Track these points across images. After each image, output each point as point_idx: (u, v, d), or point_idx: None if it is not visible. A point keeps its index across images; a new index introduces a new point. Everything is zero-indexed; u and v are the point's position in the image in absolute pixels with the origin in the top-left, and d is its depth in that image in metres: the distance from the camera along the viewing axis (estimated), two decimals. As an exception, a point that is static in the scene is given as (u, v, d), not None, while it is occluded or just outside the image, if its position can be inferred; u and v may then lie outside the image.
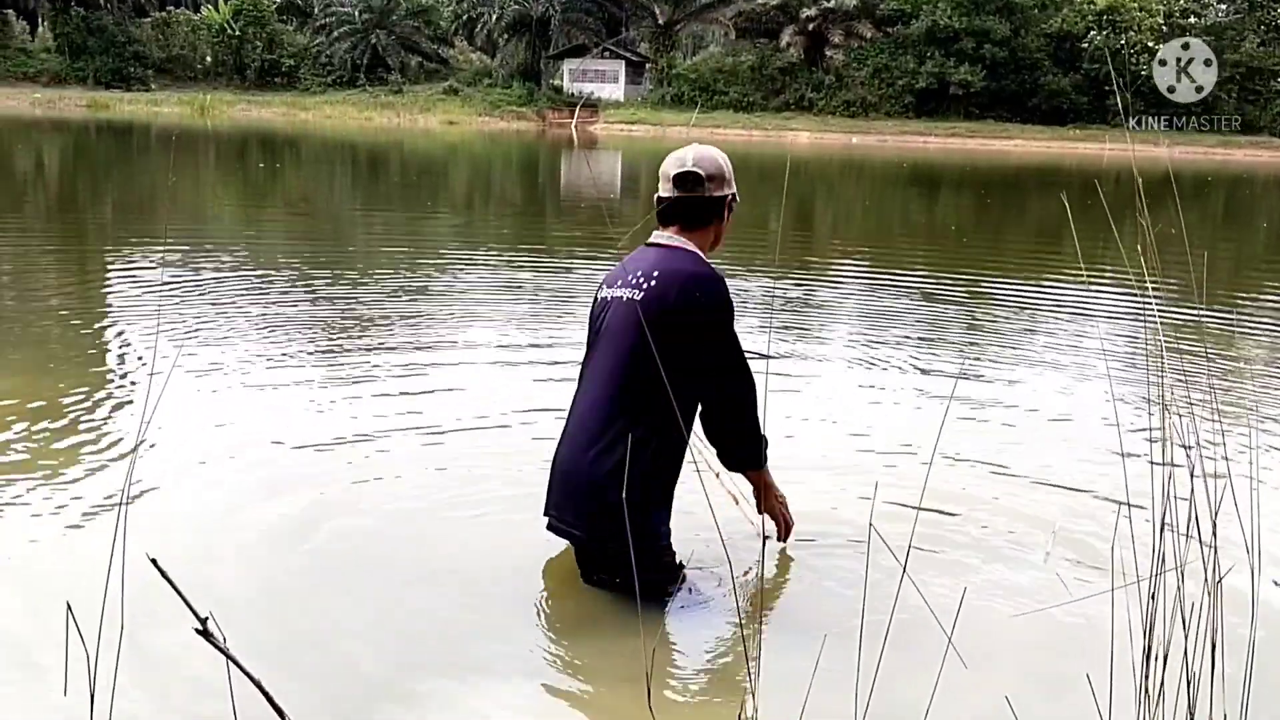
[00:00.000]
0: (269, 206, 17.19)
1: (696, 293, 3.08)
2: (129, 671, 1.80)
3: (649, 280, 3.12)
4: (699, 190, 3.21)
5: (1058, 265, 12.33)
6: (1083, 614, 3.15)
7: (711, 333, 3.10)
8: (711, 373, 3.13)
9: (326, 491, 4.11)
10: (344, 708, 2.68)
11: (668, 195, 3.23)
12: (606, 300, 3.25)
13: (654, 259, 3.18)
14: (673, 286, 3.08)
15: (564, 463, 3.22)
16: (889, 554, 1.79)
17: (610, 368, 3.16)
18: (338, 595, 3.29)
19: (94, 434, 4.69)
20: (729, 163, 3.29)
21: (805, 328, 8.07)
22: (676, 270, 3.12)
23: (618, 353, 3.14)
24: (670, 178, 3.22)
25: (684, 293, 3.07)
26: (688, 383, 3.11)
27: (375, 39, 56.56)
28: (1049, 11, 53.93)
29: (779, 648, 2.89)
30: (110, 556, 1.54)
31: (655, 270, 3.13)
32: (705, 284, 3.10)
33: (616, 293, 3.21)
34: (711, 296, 3.10)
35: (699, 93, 54.68)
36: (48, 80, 52.98)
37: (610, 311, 3.21)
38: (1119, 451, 2.38)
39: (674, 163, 3.24)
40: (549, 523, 3.31)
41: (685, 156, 3.23)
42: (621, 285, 3.20)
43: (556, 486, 3.27)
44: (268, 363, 6.15)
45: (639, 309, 3.07)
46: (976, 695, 2.69)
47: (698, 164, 3.21)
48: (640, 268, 3.18)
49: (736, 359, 3.15)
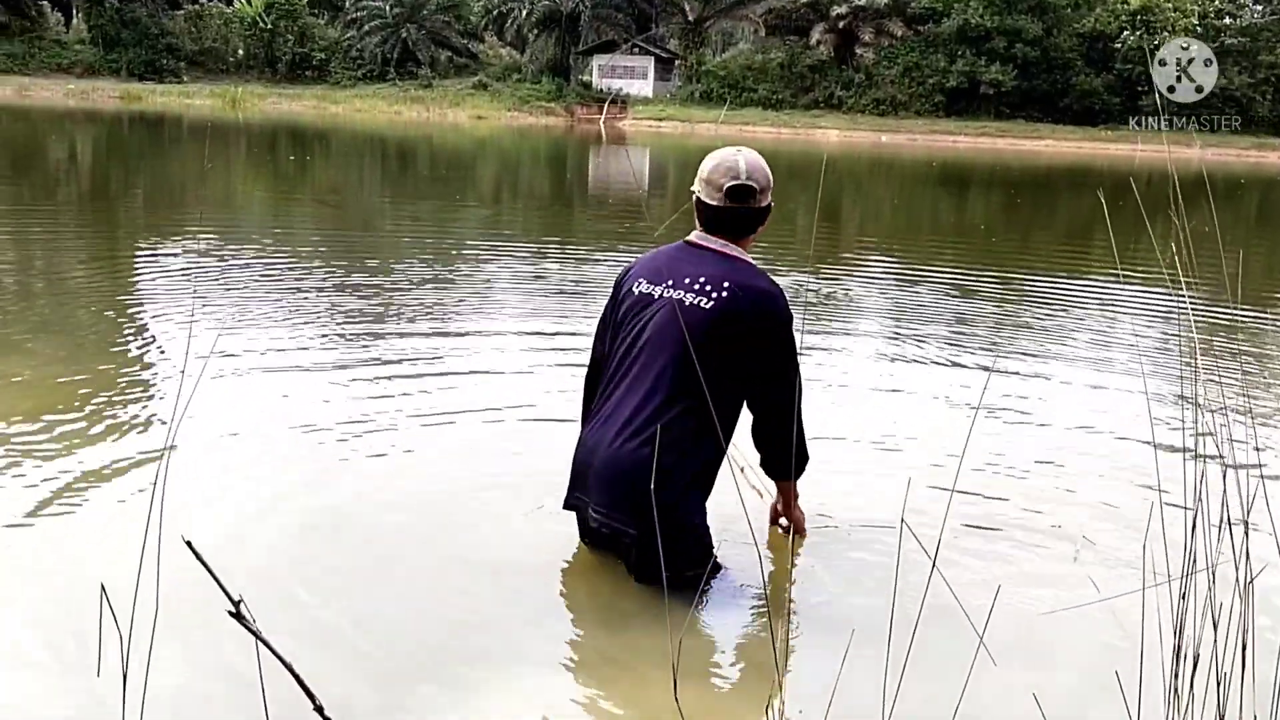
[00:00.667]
0: (300, 197, 17.28)
1: (769, 308, 3.14)
2: (161, 653, 1.81)
3: (718, 290, 3.13)
4: (750, 202, 3.21)
5: (1088, 264, 12.26)
6: (1112, 613, 3.13)
7: (775, 344, 3.15)
8: (767, 379, 3.18)
9: (359, 477, 4.14)
10: (374, 694, 2.69)
11: (716, 204, 3.21)
12: (652, 297, 3.23)
13: (717, 268, 3.18)
14: (747, 300, 3.12)
15: (608, 458, 3.17)
16: (919, 548, 1.79)
17: (665, 366, 3.15)
18: (369, 581, 3.31)
19: (129, 419, 4.73)
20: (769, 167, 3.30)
21: (837, 322, 8.04)
22: (749, 285, 3.15)
23: (675, 354, 3.13)
24: (723, 189, 3.19)
25: (757, 307, 3.12)
26: (742, 388, 3.17)
27: (406, 33, 56.71)
28: (1081, 11, 53.49)
29: (807, 641, 2.89)
30: (144, 539, 1.55)
31: (725, 281, 3.14)
32: (777, 301, 3.16)
33: (674, 294, 3.18)
34: (782, 312, 3.16)
35: (728, 90, 54.55)
36: (81, 72, 53.37)
37: (662, 311, 3.19)
38: (1151, 448, 2.36)
39: (725, 173, 3.20)
40: (592, 520, 3.27)
41: (738, 167, 3.19)
42: (676, 287, 3.19)
43: (599, 482, 3.21)
44: (301, 350, 6.19)
45: (708, 316, 3.10)
46: (1004, 692, 2.68)
47: (751, 176, 3.19)
48: (702, 274, 3.17)
49: (792, 368, 3.20)
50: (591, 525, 3.30)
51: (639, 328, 3.24)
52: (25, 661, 2.72)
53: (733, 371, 3.12)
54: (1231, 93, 49.05)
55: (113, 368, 5.65)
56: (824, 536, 3.66)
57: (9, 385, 5.08)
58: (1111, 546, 3.77)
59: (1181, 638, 1.94)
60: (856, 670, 2.09)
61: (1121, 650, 2.74)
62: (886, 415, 5.41)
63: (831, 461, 4.49)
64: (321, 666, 2.69)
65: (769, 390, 3.19)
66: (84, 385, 5.20)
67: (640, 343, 3.22)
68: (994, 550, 3.72)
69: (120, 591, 1.62)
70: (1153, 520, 2.14)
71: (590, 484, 3.24)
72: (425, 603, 3.21)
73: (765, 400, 3.21)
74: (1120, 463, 4.69)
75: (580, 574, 3.44)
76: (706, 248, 3.25)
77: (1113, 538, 3.84)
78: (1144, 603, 2.05)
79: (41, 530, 3.50)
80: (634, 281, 3.30)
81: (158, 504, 1.59)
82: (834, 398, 5.65)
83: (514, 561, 3.48)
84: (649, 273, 3.29)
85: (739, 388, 3.17)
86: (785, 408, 3.21)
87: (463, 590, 3.30)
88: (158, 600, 1.60)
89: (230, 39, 59.44)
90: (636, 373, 3.21)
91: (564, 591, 3.35)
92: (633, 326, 3.26)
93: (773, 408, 3.23)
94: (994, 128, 50.72)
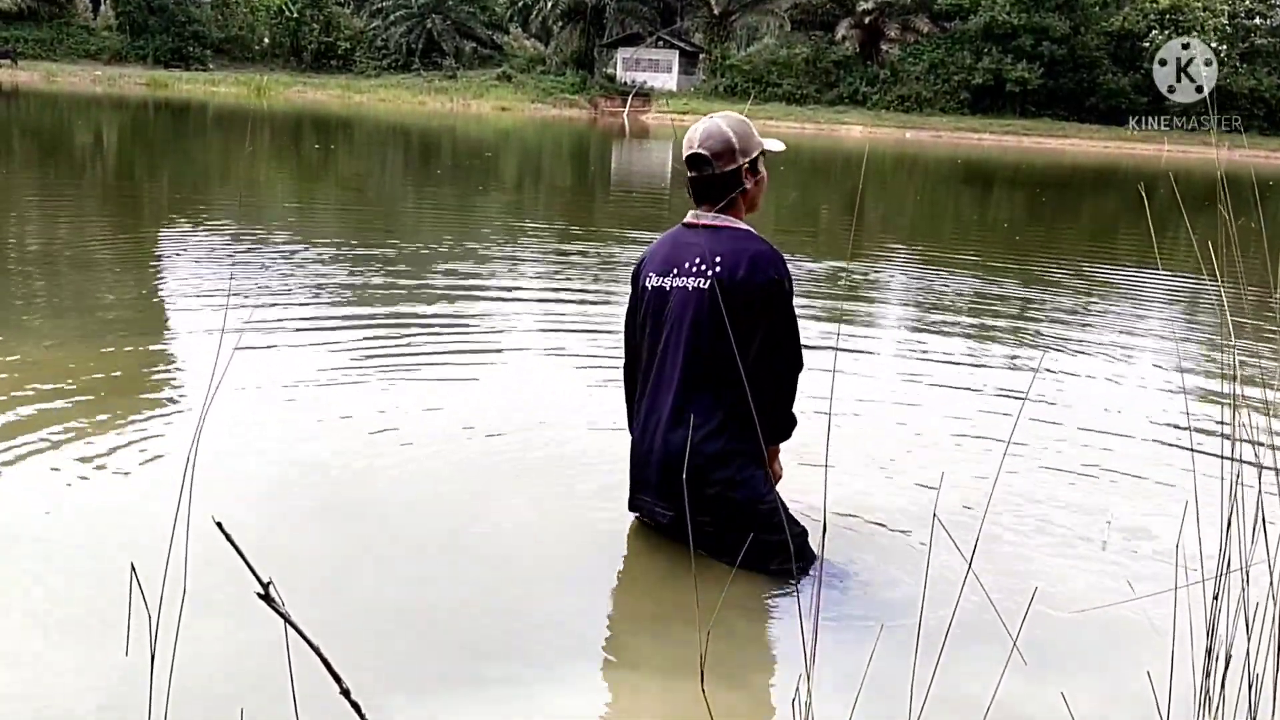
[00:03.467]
0: (324, 185, 17.32)
1: (761, 265, 3.16)
2: (190, 634, 1.81)
3: (713, 267, 3.19)
4: (707, 170, 3.25)
5: (1116, 261, 12.17)
6: (1144, 613, 3.11)
7: (772, 305, 3.16)
8: (766, 346, 3.17)
9: (390, 466, 4.13)
10: (401, 680, 2.69)
11: (690, 175, 3.30)
12: (664, 290, 3.29)
13: (710, 243, 3.24)
14: (740, 265, 3.16)
15: (662, 457, 3.25)
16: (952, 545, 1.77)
17: (690, 357, 3.21)
18: (398, 569, 3.31)
19: (159, 400, 4.76)
20: (743, 127, 3.29)
21: (865, 316, 8.01)
22: (739, 250, 3.20)
23: (696, 342, 3.20)
24: (684, 159, 3.27)
25: (750, 266, 3.15)
26: (746, 354, 3.16)
27: (431, 24, 56.86)
28: (1110, 10, 53.18)
29: (836, 637, 2.87)
30: (175, 519, 1.55)
31: (716, 255, 3.20)
32: (767, 258, 3.18)
33: (678, 282, 3.25)
34: (778, 272, 3.18)
35: (752, 84, 54.46)
36: (109, 58, 53.74)
37: (675, 301, 3.25)
38: (1187, 447, 2.33)
39: (686, 144, 3.28)
40: (662, 518, 3.34)
41: (693, 137, 3.27)
42: (680, 274, 3.26)
43: (659, 482, 3.29)
44: (330, 336, 6.20)
45: (708, 296, 3.15)
46: (1033, 691, 2.65)
47: (704, 144, 3.24)
48: (698, 255, 3.23)
49: (792, 334, 3.22)
50: (663, 523, 3.35)
51: (661, 324, 3.30)
52: (53, 641, 2.73)
53: (740, 337, 3.14)
54: (1261, 94, 48.63)
55: (142, 348, 5.68)
56: (855, 532, 3.64)
57: (34, 365, 5.12)
58: (1145, 545, 3.74)
59: (1213, 639, 1.92)
60: (885, 666, 2.08)
61: (1154, 651, 2.71)
62: (919, 410, 5.37)
63: (863, 457, 4.48)
64: (348, 651, 2.69)
65: (771, 358, 3.19)
66: (111, 365, 5.23)
67: (664, 339, 3.29)
68: (1026, 548, 3.69)
69: (149, 571, 1.62)
70: (1186, 520, 2.12)
71: (651, 485, 3.33)
72: (447, 591, 3.21)
73: (766, 367, 3.19)
74: (1156, 461, 4.64)
75: (605, 564, 3.43)
76: (699, 225, 3.30)
77: (1147, 537, 3.80)
78: (1175, 603, 2.03)
79: (72, 509, 3.52)
80: (646, 277, 3.36)
81: (189, 483, 1.58)
82: (863, 391, 5.63)
83: (543, 554, 3.47)
84: (657, 265, 3.34)
85: (745, 353, 3.17)
86: (784, 376, 3.23)
87: (490, 584, 3.29)
88: (185, 580, 1.60)
89: (256, 27, 59.75)
90: (668, 370, 3.27)
91: (587, 582, 3.33)
92: (656, 324, 3.32)
93: (772, 375, 3.21)
94: (1019, 126, 50.54)
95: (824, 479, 1.89)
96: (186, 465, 1.65)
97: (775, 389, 3.23)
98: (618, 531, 3.56)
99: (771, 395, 3.23)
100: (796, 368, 3.24)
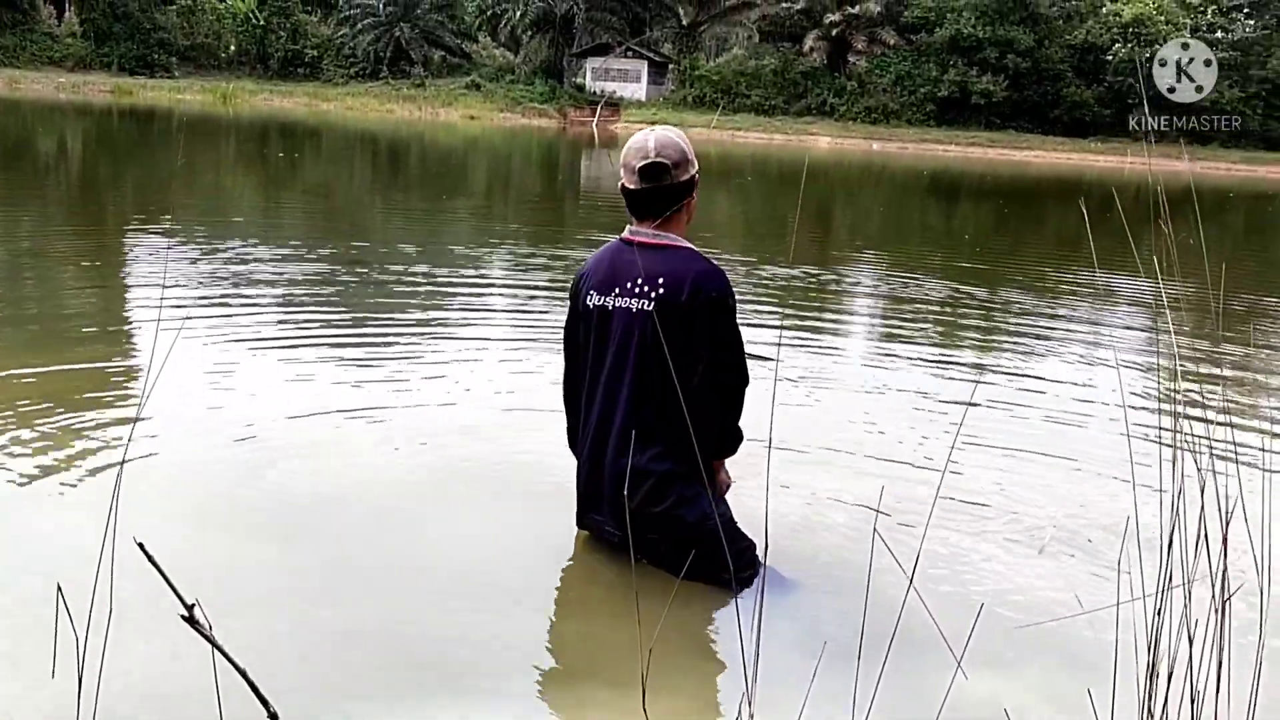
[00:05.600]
0: (286, 192, 17.21)
1: (703, 285, 3.11)
2: (119, 656, 1.78)
3: (655, 289, 3.14)
4: (665, 179, 3.16)
5: (1073, 274, 12.27)
6: (1090, 626, 3.11)
7: (716, 324, 3.13)
8: (712, 364, 3.14)
9: (323, 479, 4.08)
10: (333, 702, 2.65)
11: (634, 188, 3.18)
12: (606, 309, 3.23)
13: (649, 263, 3.17)
14: (683, 287, 3.11)
15: (611, 476, 3.23)
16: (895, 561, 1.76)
17: (634, 378, 3.18)
18: (328, 586, 3.27)
19: (89, 414, 4.63)
20: (688, 140, 3.27)
21: (815, 326, 8.03)
22: (680, 271, 3.15)
23: (641, 364, 3.17)
24: (635, 170, 3.15)
25: (694, 289, 3.11)
26: (693, 374, 3.13)
27: (399, 32, 56.63)
28: (1074, 23, 53.70)
29: (780, 653, 2.86)
30: (102, 540, 1.52)
31: (658, 277, 3.14)
32: (713, 279, 3.14)
33: (619, 303, 3.20)
34: (719, 290, 3.13)
35: (721, 95, 54.60)
36: (73, 65, 53.15)
37: (617, 322, 3.21)
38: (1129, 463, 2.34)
39: (636, 154, 3.16)
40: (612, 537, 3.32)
41: (647, 146, 3.15)
42: (621, 295, 3.20)
43: (606, 502, 3.28)
44: (269, 345, 6.14)
45: (655, 318, 3.10)
46: (976, 707, 2.65)
47: (661, 152, 3.14)
48: (639, 274, 3.17)
49: (737, 351, 3.19)
50: (614, 542, 3.33)
51: (605, 344, 3.25)
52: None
53: (685, 357, 3.11)
54: (1223, 106, 49.21)
55: (73, 363, 5.55)
56: (801, 543, 3.63)
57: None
58: (1089, 560, 3.75)
59: (1156, 653, 1.92)
60: (828, 682, 2.07)
61: (1096, 665, 2.72)
62: (863, 422, 5.37)
63: (812, 465, 4.48)
64: (276, 670, 2.65)
65: (714, 372, 3.15)
66: (43, 380, 5.12)
67: (609, 359, 3.24)
68: (972, 560, 3.69)
69: (77, 593, 1.59)
70: (1128, 535, 2.12)
71: (602, 504, 3.30)
72: (386, 607, 3.17)
73: (708, 381, 3.15)
74: (1103, 472, 4.67)
75: (549, 580, 3.41)
76: (639, 243, 3.21)
77: (1093, 550, 3.81)
78: (1118, 618, 2.03)
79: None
80: (587, 294, 3.29)
81: (116, 502, 1.55)
82: (815, 397, 5.64)
83: (479, 567, 3.45)
84: (597, 283, 3.27)
85: (691, 373, 3.13)
86: (731, 393, 3.21)
87: (425, 594, 3.27)
88: (112, 601, 1.57)
89: (223, 34, 59.29)
90: (614, 390, 3.23)
91: (531, 596, 3.31)
92: (600, 343, 3.27)
93: (718, 393, 3.18)
94: (984, 138, 50.89)
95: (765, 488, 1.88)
96: (115, 485, 1.62)
97: (722, 406, 3.21)
98: (563, 547, 3.53)
99: (719, 412, 3.21)
100: (743, 384, 3.22)
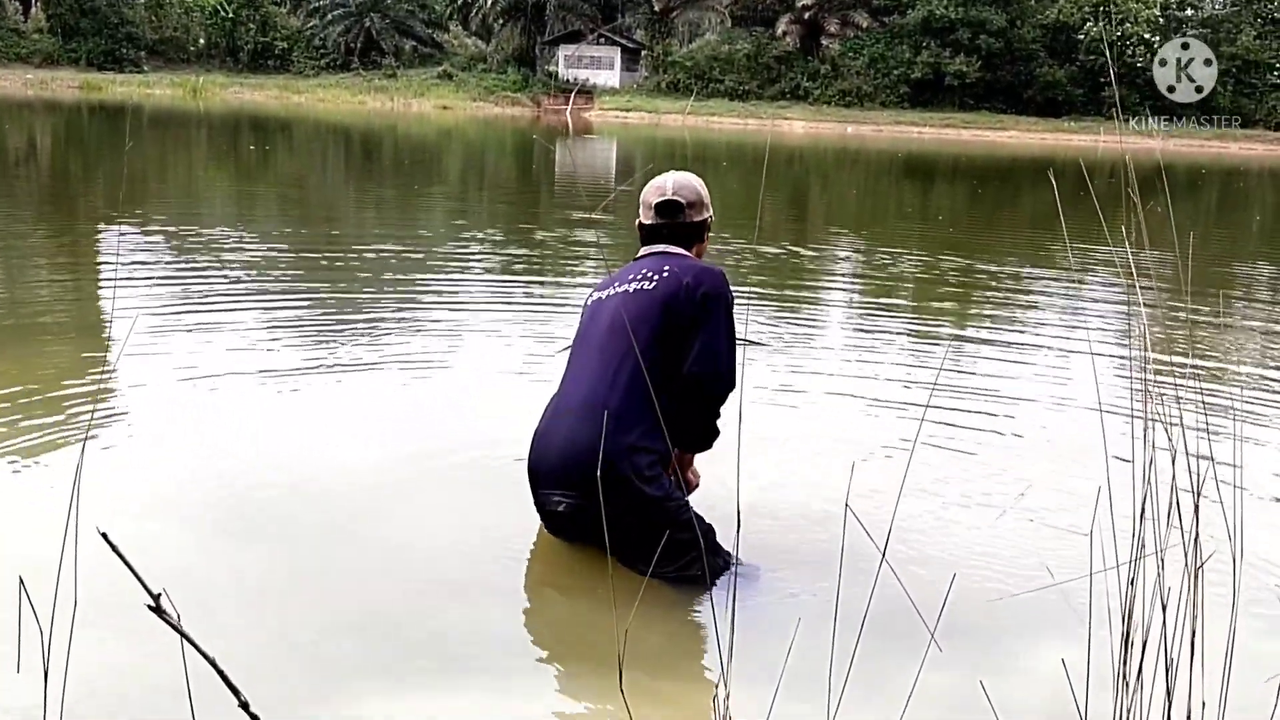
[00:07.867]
0: (258, 186, 17.11)
1: (706, 278, 3.23)
2: (84, 649, 1.76)
3: (658, 274, 3.25)
4: (679, 217, 3.36)
5: (1048, 252, 12.33)
6: (1064, 597, 3.12)
7: (713, 316, 3.19)
8: (702, 354, 3.17)
9: (288, 471, 4.05)
10: (301, 689, 2.63)
11: (650, 223, 3.39)
12: (602, 300, 3.34)
13: (659, 260, 3.32)
14: (686, 274, 3.23)
15: (564, 444, 3.17)
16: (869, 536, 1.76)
17: (612, 352, 3.19)
18: (297, 574, 3.26)
19: (47, 406, 4.58)
20: (705, 187, 3.45)
21: (790, 311, 8.04)
22: (688, 264, 3.29)
23: (621, 339, 3.17)
24: (652, 206, 3.36)
25: (696, 278, 3.22)
26: (682, 361, 3.17)
27: (369, 22, 56.30)
28: (1045, 3, 53.83)
29: (755, 632, 2.87)
30: (65, 531, 1.50)
31: (665, 266, 3.28)
32: (714, 274, 3.27)
33: (618, 288, 3.29)
34: (719, 284, 3.25)
35: (694, 80, 54.51)
36: (40, 61, 52.62)
37: (612, 304, 3.27)
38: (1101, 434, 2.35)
39: (654, 191, 3.38)
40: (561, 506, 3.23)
41: (665, 185, 3.37)
42: (621, 283, 3.31)
43: (559, 469, 3.19)
44: (231, 339, 6.09)
45: (650, 296, 3.20)
46: (951, 679, 2.66)
47: (678, 192, 3.35)
48: (645, 268, 3.31)
49: (730, 350, 3.23)
50: (560, 510, 3.25)
51: (589, 325, 3.34)
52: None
53: (681, 350, 3.17)
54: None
55: (32, 354, 5.51)
56: (773, 524, 3.63)
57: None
58: (1062, 531, 3.75)
59: (1130, 623, 1.93)
60: (804, 658, 2.07)
61: (1071, 635, 2.73)
62: (836, 403, 5.39)
63: (779, 445, 4.49)
64: (251, 663, 2.63)
65: (705, 365, 3.17)
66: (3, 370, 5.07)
67: (590, 336, 3.31)
68: (944, 534, 3.71)
69: (40, 585, 1.57)
70: (1102, 504, 2.13)
71: (550, 474, 3.24)
72: (357, 595, 3.16)
73: (697, 376, 3.17)
74: (1076, 444, 4.70)
75: (520, 570, 3.39)
76: (650, 253, 3.38)
77: (1067, 520, 3.81)
78: (1092, 588, 2.04)
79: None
80: (590, 296, 3.45)
81: (77, 494, 1.54)
82: (783, 382, 5.65)
83: (453, 553, 3.44)
84: (602, 285, 3.43)
85: (680, 362, 3.18)
86: (715, 388, 3.21)
87: (397, 579, 3.26)
88: (76, 593, 1.55)
89: (191, 28, 58.79)
90: (585, 362, 3.28)
91: (506, 580, 3.30)
92: (589, 323, 3.36)
93: (702, 385, 3.19)
94: (959, 119, 50.99)
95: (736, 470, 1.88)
96: (75, 474, 1.60)
97: (704, 399, 3.23)
98: (537, 534, 3.51)
99: (700, 404, 3.23)
100: (729, 384, 3.22)
